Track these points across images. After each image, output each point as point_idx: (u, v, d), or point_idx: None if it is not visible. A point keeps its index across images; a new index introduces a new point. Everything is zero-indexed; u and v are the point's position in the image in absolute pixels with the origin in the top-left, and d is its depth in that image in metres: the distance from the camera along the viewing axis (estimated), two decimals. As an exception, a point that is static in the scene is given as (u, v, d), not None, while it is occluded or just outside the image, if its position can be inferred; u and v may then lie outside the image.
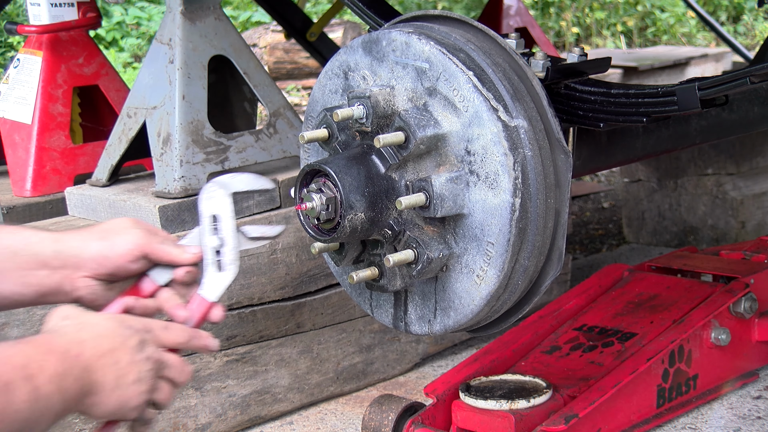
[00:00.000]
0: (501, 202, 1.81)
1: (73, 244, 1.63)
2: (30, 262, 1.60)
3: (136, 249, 1.63)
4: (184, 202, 2.51)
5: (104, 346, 1.45)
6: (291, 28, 3.54)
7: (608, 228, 4.21)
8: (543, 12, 8.95)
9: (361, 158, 1.88)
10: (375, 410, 2.29)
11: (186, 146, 2.54)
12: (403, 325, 2.01)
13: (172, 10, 2.62)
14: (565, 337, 2.51)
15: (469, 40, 1.91)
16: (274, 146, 2.70)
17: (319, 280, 2.60)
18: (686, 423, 2.43)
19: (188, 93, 2.57)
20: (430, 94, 1.86)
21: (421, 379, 2.75)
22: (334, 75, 2.02)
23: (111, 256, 1.62)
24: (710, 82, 1.97)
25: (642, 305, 2.59)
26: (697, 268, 2.72)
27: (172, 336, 1.56)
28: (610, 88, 2.06)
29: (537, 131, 1.85)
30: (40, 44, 2.95)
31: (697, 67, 5.87)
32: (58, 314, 1.48)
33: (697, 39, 8.72)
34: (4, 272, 1.59)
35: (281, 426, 2.55)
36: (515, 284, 1.89)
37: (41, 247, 1.61)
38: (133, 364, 1.47)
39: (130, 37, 8.16)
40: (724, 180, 3.63)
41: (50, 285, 1.62)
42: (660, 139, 2.35)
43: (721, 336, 2.46)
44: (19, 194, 2.92)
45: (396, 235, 1.89)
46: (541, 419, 2.18)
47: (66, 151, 2.94)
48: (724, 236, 3.63)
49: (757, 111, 2.52)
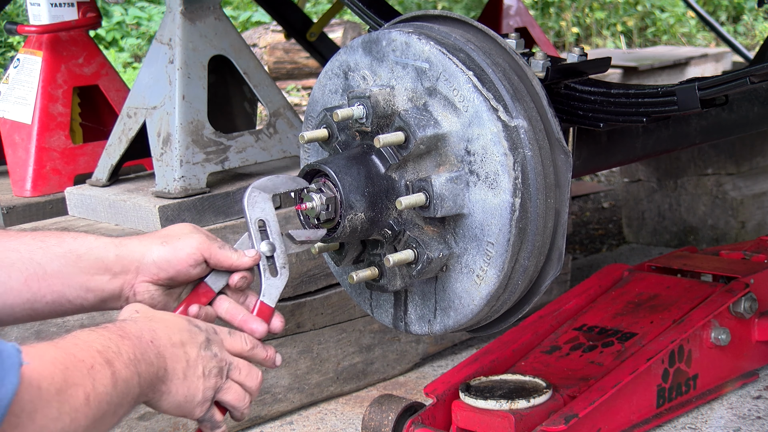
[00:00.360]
0: (501, 202, 1.81)
1: (135, 248, 1.64)
2: (92, 266, 1.62)
3: (197, 253, 1.65)
4: (184, 202, 2.51)
5: (175, 336, 1.48)
6: (291, 28, 3.54)
7: (608, 228, 4.21)
8: (543, 12, 8.95)
9: (361, 158, 1.88)
10: (375, 410, 2.29)
11: (186, 146, 2.54)
12: (403, 325, 2.01)
13: (172, 10, 2.62)
14: (565, 337, 2.52)
15: (469, 40, 1.91)
16: (274, 146, 2.70)
17: (319, 280, 2.60)
18: (686, 423, 2.43)
19: (188, 93, 2.57)
20: (430, 94, 1.86)
21: (421, 379, 2.75)
22: (334, 75, 2.02)
23: (173, 260, 1.64)
24: (710, 82, 1.97)
25: (642, 305, 2.59)
26: (697, 268, 2.72)
27: (236, 343, 1.59)
28: (610, 88, 2.06)
29: (537, 131, 1.85)
30: (40, 44, 2.95)
31: (697, 67, 5.87)
32: (129, 308, 1.53)
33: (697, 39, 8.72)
34: (68, 276, 1.60)
35: (281, 426, 2.55)
36: (515, 284, 1.89)
37: (104, 252, 1.63)
38: (200, 358, 1.50)
39: (130, 37, 8.16)
40: (724, 180, 3.63)
41: (111, 290, 1.64)
42: (660, 139, 2.35)
43: (721, 336, 2.46)
44: (19, 194, 2.92)
45: (396, 235, 1.89)
46: (541, 419, 2.18)
47: (66, 151, 2.95)
48: (724, 236, 3.63)
49: (757, 111, 2.52)
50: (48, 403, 1.24)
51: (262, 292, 1.69)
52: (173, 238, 1.66)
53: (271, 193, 1.73)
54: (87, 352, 1.33)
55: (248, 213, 1.70)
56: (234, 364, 1.56)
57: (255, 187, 1.72)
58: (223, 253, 1.67)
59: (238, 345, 1.59)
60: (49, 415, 1.24)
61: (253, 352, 1.61)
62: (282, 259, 1.71)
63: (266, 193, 1.72)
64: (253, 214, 1.70)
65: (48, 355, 1.28)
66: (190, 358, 1.49)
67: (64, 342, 1.33)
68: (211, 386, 1.51)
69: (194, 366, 1.49)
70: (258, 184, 1.73)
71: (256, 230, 1.70)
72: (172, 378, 1.46)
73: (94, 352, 1.33)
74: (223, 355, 1.54)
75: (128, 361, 1.38)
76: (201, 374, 1.50)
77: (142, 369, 1.40)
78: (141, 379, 1.40)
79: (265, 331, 1.66)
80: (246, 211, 1.70)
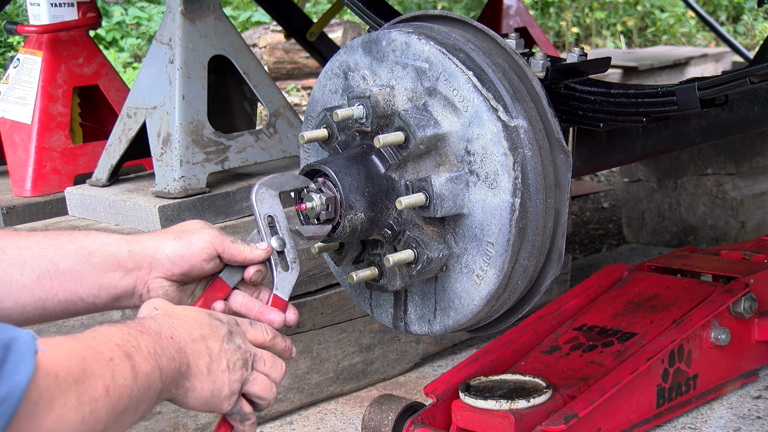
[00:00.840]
0: (501, 202, 1.81)
1: (148, 244, 1.64)
2: (105, 263, 1.61)
3: (210, 247, 1.65)
4: (184, 202, 2.51)
5: (195, 332, 1.48)
6: (291, 28, 3.54)
7: (608, 228, 4.21)
8: (543, 12, 8.95)
9: (361, 158, 1.88)
10: (375, 410, 2.29)
11: (186, 146, 2.54)
12: (403, 325, 2.01)
13: (172, 10, 2.62)
14: (564, 337, 2.52)
15: (468, 40, 1.91)
16: (274, 146, 2.70)
17: (319, 280, 2.60)
18: (686, 423, 2.44)
19: (188, 93, 2.57)
20: (430, 94, 1.86)
21: (421, 379, 2.75)
22: (333, 75, 2.02)
23: (187, 255, 1.64)
24: (710, 82, 1.97)
25: (642, 305, 2.59)
26: (697, 268, 2.72)
27: (258, 333, 1.58)
28: (610, 88, 2.06)
29: (537, 131, 1.85)
30: (40, 44, 2.95)
31: (697, 67, 5.87)
32: (148, 304, 1.53)
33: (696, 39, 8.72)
34: (80, 274, 1.60)
35: (281, 426, 2.55)
36: (515, 284, 1.89)
37: (116, 248, 1.62)
38: (223, 352, 1.49)
39: (130, 37, 8.16)
40: (724, 180, 3.63)
41: (124, 287, 1.63)
42: (660, 139, 2.35)
43: (721, 336, 2.46)
44: (19, 194, 2.92)
45: (396, 235, 1.89)
46: (541, 419, 2.18)
47: (66, 151, 2.95)
48: (723, 236, 3.63)
49: (757, 111, 2.52)
50: (66, 392, 1.24)
51: (275, 286, 1.70)
52: (186, 233, 1.66)
53: (278, 190, 1.74)
54: (106, 345, 1.32)
55: (257, 209, 1.71)
56: (258, 355, 1.56)
57: (262, 184, 1.73)
58: (236, 247, 1.67)
59: (260, 336, 1.59)
60: (68, 404, 1.24)
61: (273, 342, 1.61)
62: (292, 253, 1.72)
63: (273, 189, 1.73)
64: (262, 210, 1.71)
65: (65, 346, 1.28)
66: (212, 352, 1.48)
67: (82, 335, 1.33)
68: (237, 379, 1.51)
69: (218, 360, 1.48)
70: (265, 181, 1.74)
71: (266, 225, 1.71)
72: (195, 374, 1.46)
73: (113, 345, 1.33)
74: (247, 346, 1.54)
75: (148, 356, 1.37)
76: (225, 368, 1.49)
77: (164, 364, 1.39)
78: (163, 374, 1.39)
79: (282, 321, 1.67)
80: (255, 207, 1.71)
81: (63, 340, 1.29)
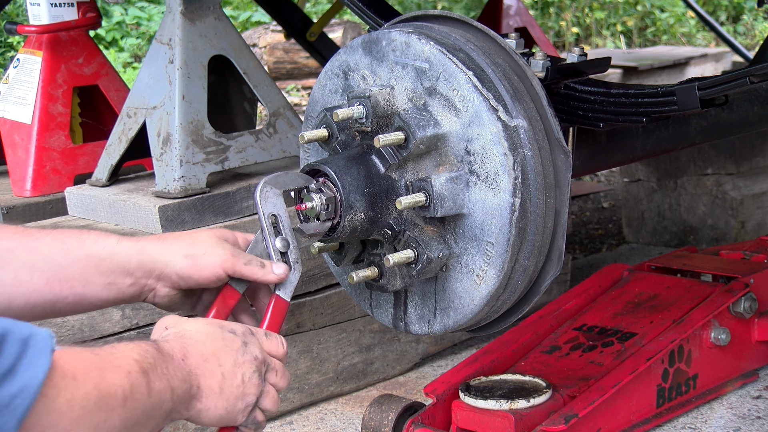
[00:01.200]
0: (501, 202, 1.81)
1: (158, 257, 1.64)
2: (114, 271, 1.62)
3: (220, 270, 1.65)
4: (184, 202, 2.51)
5: (207, 349, 1.48)
6: (291, 28, 3.54)
7: (608, 228, 4.21)
8: (543, 12, 8.95)
9: (361, 158, 1.88)
10: (375, 410, 2.29)
11: (186, 146, 2.54)
12: (403, 325, 2.01)
13: (172, 10, 2.62)
14: (564, 337, 2.51)
15: (468, 40, 1.91)
16: (274, 146, 2.70)
17: (318, 280, 2.60)
18: (686, 423, 2.43)
19: (188, 93, 2.57)
20: (430, 94, 1.86)
21: (421, 379, 2.75)
22: (333, 75, 2.02)
23: (195, 275, 1.64)
24: (710, 82, 1.97)
25: (642, 305, 2.59)
26: (697, 268, 2.72)
27: (273, 345, 1.59)
28: (610, 88, 2.06)
29: (537, 131, 1.86)
30: (40, 44, 2.95)
31: (697, 67, 5.87)
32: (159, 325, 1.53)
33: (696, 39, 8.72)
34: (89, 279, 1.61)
35: (281, 426, 2.55)
36: (515, 284, 1.89)
37: (125, 258, 1.63)
38: (237, 366, 1.50)
39: (130, 37, 8.16)
40: (724, 180, 3.63)
41: (131, 293, 1.65)
42: (660, 139, 2.35)
43: (721, 336, 2.46)
44: (19, 194, 2.92)
45: (396, 235, 1.89)
46: (541, 419, 2.18)
47: (66, 151, 2.95)
48: (723, 236, 3.63)
49: (757, 111, 2.52)
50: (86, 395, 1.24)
51: (278, 287, 1.70)
52: (197, 252, 1.64)
53: (282, 189, 1.74)
54: (124, 359, 1.34)
55: (261, 208, 1.70)
56: (272, 366, 1.56)
57: (267, 182, 1.72)
58: (249, 269, 1.66)
59: (274, 347, 1.59)
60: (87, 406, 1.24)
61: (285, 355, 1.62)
62: (295, 254, 1.72)
63: (277, 188, 1.73)
64: (266, 209, 1.70)
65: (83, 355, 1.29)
66: (225, 370, 1.48)
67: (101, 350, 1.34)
68: (253, 392, 1.52)
69: (231, 377, 1.49)
70: (269, 179, 1.73)
71: (270, 225, 1.70)
72: (207, 394, 1.46)
73: (131, 360, 1.34)
74: (263, 356, 1.55)
75: (162, 375, 1.38)
76: (240, 382, 1.50)
77: (176, 384, 1.40)
78: (174, 394, 1.40)
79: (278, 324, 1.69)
80: (259, 205, 1.70)
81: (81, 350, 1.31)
